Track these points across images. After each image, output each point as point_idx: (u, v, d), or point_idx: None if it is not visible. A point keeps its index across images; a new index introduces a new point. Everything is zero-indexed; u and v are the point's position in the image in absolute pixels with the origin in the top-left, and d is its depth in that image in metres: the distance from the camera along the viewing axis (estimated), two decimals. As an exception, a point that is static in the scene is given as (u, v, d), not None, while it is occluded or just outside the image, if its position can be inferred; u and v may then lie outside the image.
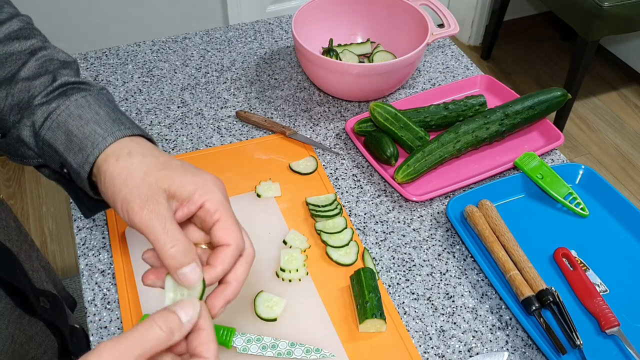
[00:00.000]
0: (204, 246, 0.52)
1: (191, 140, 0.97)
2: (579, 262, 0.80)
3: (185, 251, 0.46)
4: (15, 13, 0.61)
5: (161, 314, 0.42)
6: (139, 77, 1.10)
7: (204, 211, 0.49)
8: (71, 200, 0.86)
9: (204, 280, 0.47)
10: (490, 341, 0.73)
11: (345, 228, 0.82)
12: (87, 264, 0.79)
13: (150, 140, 0.55)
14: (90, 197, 0.55)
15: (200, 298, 0.47)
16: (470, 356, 0.71)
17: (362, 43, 1.15)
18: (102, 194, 0.51)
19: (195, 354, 0.43)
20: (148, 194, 0.46)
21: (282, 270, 0.76)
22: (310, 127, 1.01)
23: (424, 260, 0.81)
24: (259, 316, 0.71)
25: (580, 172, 0.91)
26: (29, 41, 0.58)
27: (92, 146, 0.50)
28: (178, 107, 1.04)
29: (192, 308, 0.43)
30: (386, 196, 0.90)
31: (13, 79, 0.54)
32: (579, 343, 0.69)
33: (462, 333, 0.73)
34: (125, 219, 0.48)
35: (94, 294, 0.75)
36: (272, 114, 1.03)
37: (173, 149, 0.96)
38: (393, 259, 0.81)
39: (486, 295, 0.77)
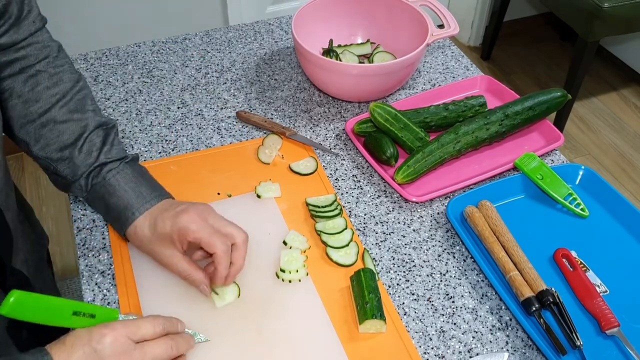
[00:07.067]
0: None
1: (191, 140, 0.97)
2: (579, 262, 0.80)
3: (196, 276, 0.71)
4: (74, 81, 0.78)
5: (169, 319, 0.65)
6: (139, 78, 1.10)
7: (192, 243, 0.70)
8: (71, 202, 0.86)
9: (237, 285, 0.75)
10: (491, 342, 0.73)
11: (345, 229, 0.82)
12: (87, 265, 0.79)
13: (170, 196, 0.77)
14: None
15: (238, 296, 0.75)
16: (470, 357, 0.71)
17: (362, 44, 1.15)
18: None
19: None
20: (159, 252, 0.71)
21: (282, 270, 0.76)
22: (310, 128, 1.01)
23: (424, 261, 0.81)
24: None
25: (580, 172, 0.91)
26: (84, 118, 0.76)
27: (125, 219, 0.72)
28: (178, 107, 1.04)
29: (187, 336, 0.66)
30: (386, 197, 0.90)
31: (73, 150, 0.74)
32: (579, 344, 0.69)
33: (462, 334, 0.73)
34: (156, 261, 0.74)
35: (94, 294, 0.75)
36: (272, 114, 1.03)
37: (173, 150, 0.96)
38: (393, 259, 0.81)
39: (486, 295, 0.77)
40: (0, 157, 0.70)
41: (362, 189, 0.91)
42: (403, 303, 0.76)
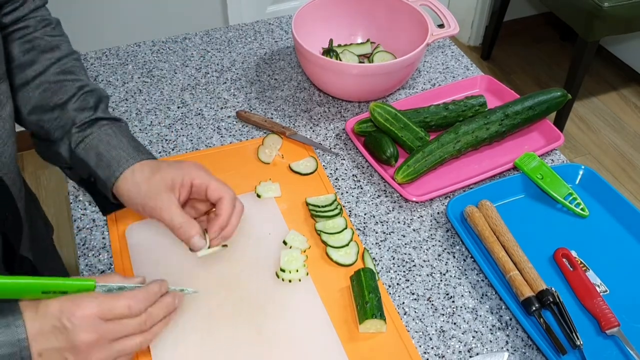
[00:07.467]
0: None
1: (191, 140, 0.97)
2: (579, 262, 0.80)
3: (189, 227, 0.67)
4: (69, 51, 0.77)
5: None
6: (139, 78, 1.10)
7: (196, 187, 0.70)
8: (71, 202, 0.86)
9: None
10: (491, 341, 0.73)
11: (345, 228, 0.82)
12: (87, 265, 0.79)
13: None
14: (107, 200, 0.72)
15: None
16: (471, 356, 0.71)
17: (362, 43, 1.15)
18: (121, 197, 0.69)
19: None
20: (156, 196, 0.67)
21: (282, 270, 0.76)
22: (311, 128, 1.01)
23: (424, 261, 0.81)
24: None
25: (580, 172, 0.91)
26: (78, 80, 0.75)
27: (118, 165, 0.68)
28: (178, 107, 1.04)
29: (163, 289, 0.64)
30: (386, 196, 0.90)
31: (65, 107, 0.71)
32: (579, 343, 0.69)
33: (462, 333, 0.73)
34: (145, 213, 0.68)
35: (94, 294, 0.75)
36: (272, 114, 1.03)
37: (173, 149, 0.96)
38: (393, 259, 0.81)
39: (486, 295, 0.77)
40: (13, 149, 0.69)
41: (362, 188, 0.91)
42: (403, 303, 0.76)
